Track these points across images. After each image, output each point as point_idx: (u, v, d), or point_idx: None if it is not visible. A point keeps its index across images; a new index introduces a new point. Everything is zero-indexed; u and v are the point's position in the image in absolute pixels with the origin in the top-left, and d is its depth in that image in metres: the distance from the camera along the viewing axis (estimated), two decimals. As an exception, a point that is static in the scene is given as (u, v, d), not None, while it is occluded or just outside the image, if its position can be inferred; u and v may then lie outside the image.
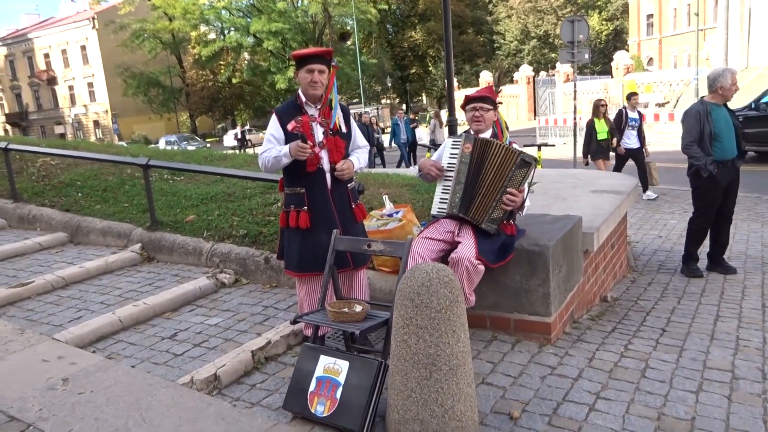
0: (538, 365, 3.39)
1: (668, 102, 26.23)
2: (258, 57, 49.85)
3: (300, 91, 3.46)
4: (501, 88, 40.31)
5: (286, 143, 3.37)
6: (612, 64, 32.06)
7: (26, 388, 3.09)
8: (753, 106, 13.56)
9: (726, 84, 5.13)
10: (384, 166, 15.84)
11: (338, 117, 3.48)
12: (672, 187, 10.47)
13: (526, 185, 3.50)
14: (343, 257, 3.45)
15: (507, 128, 4.13)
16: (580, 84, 26.00)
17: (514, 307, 3.71)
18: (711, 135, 5.14)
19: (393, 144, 18.35)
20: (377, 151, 17.64)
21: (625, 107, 10.30)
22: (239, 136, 23.89)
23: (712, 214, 5.38)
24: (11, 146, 7.04)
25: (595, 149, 9.94)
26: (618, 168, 9.69)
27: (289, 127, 3.35)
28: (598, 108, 9.94)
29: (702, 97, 5.41)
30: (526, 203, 3.64)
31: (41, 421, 2.80)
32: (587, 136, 10.07)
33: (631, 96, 10.35)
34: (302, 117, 3.37)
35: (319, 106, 3.43)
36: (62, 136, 54.00)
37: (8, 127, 60.03)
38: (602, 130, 9.85)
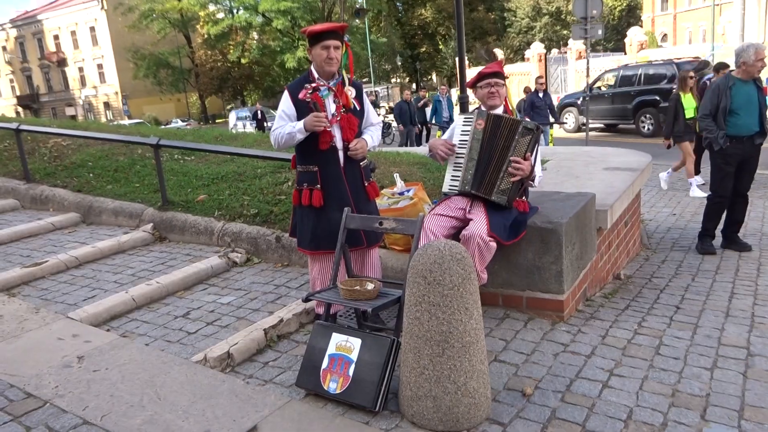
0: (551, 342, 3.37)
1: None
2: (267, 36, 49.53)
3: (313, 68, 3.42)
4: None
5: (298, 119, 3.34)
6: (625, 40, 31.54)
7: (42, 366, 3.12)
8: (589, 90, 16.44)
9: (749, 59, 5.06)
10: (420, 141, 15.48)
11: (351, 93, 3.45)
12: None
13: (534, 156, 3.46)
14: (357, 235, 3.44)
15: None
16: (592, 61, 25.61)
17: (526, 284, 3.69)
18: (726, 109, 5.11)
19: (434, 122, 15.89)
20: (416, 129, 16.45)
21: (709, 79, 9.08)
22: (258, 116, 22.77)
23: (726, 190, 5.33)
24: (22, 127, 7.06)
25: (681, 130, 8.21)
26: (698, 152, 8.37)
27: (300, 95, 3.32)
28: (686, 80, 8.36)
29: (730, 71, 5.33)
30: (537, 174, 3.59)
31: (57, 398, 2.83)
32: (672, 114, 8.29)
33: (721, 68, 8.73)
34: (313, 88, 3.35)
35: (332, 83, 3.40)
36: (73, 117, 54.13)
37: (20, 109, 60.29)
38: (690, 106, 8.15)
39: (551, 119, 13.12)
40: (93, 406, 2.77)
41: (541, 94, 12.79)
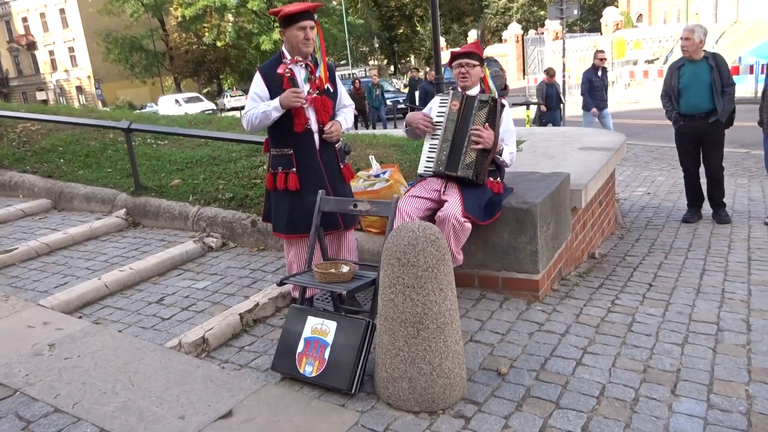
0: (526, 322, 3.40)
1: (657, 59, 26.04)
2: (242, 18, 48.75)
3: (284, 49, 3.37)
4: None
5: (271, 99, 3.29)
6: (601, 20, 31.65)
7: (12, 354, 3.07)
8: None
9: (680, 39, 5.50)
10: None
11: (324, 74, 3.41)
12: (660, 144, 10.47)
13: (498, 128, 3.47)
14: (333, 218, 3.42)
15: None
16: (569, 42, 25.66)
17: (502, 265, 3.71)
18: (675, 89, 5.47)
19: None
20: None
21: None
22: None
23: (686, 164, 5.75)
24: (-11, 112, 6.88)
25: None
26: None
27: (279, 69, 3.27)
28: None
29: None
30: (508, 150, 3.59)
31: (28, 386, 2.79)
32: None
33: None
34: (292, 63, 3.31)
35: (304, 65, 3.35)
36: (45, 102, 52.94)
37: (-12, 93, 58.84)
38: None
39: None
40: (65, 393, 2.73)
41: (599, 72, 10.68)
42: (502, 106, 3.53)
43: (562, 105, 12.38)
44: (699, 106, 5.37)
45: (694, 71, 5.36)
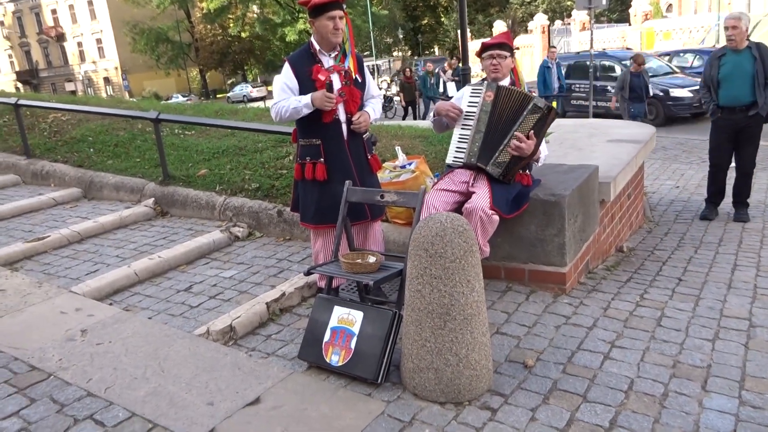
0: (553, 315, 3.38)
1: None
2: (267, 9, 48.92)
3: (313, 39, 3.37)
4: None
5: (300, 92, 3.30)
6: (630, 11, 31.12)
7: (46, 339, 3.14)
8: None
9: (725, 29, 5.19)
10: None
11: (353, 65, 3.41)
12: (690, 137, 10.28)
13: (540, 138, 3.40)
14: (360, 209, 3.42)
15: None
16: (596, 32, 25.31)
17: (528, 257, 3.68)
18: (714, 80, 5.24)
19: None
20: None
21: None
22: None
23: (718, 159, 5.50)
24: (21, 102, 7.01)
25: None
26: None
27: (322, 76, 3.27)
28: None
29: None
30: (542, 153, 3.56)
31: (61, 371, 2.85)
32: None
33: None
34: (316, 67, 3.31)
35: (334, 54, 3.35)
36: (73, 93, 53.85)
37: (19, 85, 59.87)
38: None
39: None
40: (97, 378, 2.79)
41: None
42: (556, 114, 3.47)
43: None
44: (739, 98, 5.13)
45: (737, 61, 5.12)
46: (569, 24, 33.02)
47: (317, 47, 3.34)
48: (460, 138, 3.55)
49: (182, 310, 3.59)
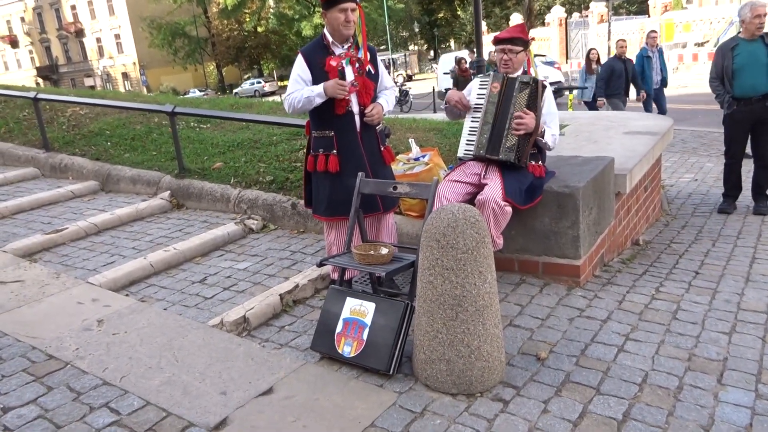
0: (567, 307, 3.36)
1: (708, 41, 25.16)
2: (283, 4, 49.00)
3: (326, 32, 3.37)
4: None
5: (313, 83, 3.30)
6: (649, 2, 30.70)
7: (63, 329, 3.19)
8: None
9: (746, 17, 5.06)
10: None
11: (366, 56, 3.40)
12: (709, 130, 10.14)
13: (539, 110, 3.39)
14: (373, 201, 3.42)
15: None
16: (614, 25, 25.04)
17: (542, 250, 3.66)
18: (729, 70, 5.13)
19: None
20: None
21: None
22: None
23: (735, 152, 5.42)
24: (40, 96, 7.09)
25: None
26: None
27: (333, 62, 3.28)
28: None
29: (739, 32, 5.26)
30: (550, 132, 3.51)
31: (78, 360, 2.89)
32: None
33: None
34: (329, 58, 3.31)
35: (346, 46, 3.35)
36: (92, 88, 54.28)
37: (40, 80, 60.67)
38: None
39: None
40: (113, 367, 2.82)
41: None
42: (544, 87, 3.46)
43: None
44: (756, 88, 5.05)
45: (751, 51, 5.06)
46: (587, 16, 32.64)
47: (330, 39, 3.34)
48: (469, 131, 3.55)
49: (197, 301, 3.62)
